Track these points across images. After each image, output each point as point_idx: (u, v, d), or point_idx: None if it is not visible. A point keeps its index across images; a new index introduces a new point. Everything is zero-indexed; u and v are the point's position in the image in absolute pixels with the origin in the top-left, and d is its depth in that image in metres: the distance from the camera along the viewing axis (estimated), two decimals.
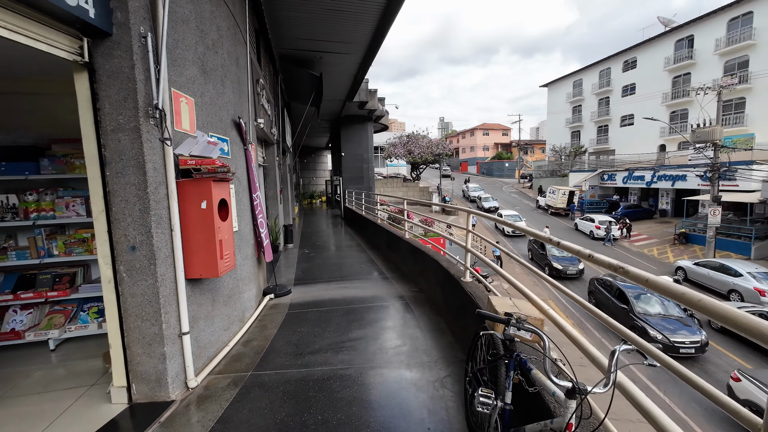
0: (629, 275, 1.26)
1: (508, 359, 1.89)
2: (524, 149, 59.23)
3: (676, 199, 25.84)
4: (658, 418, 1.11)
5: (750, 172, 18.12)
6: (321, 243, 10.52)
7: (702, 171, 18.86)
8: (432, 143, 35.31)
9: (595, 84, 38.37)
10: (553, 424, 1.45)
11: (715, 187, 17.31)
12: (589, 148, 39.27)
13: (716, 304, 0.89)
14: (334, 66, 9.79)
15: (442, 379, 3.12)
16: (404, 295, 5.40)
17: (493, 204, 31.40)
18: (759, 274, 13.41)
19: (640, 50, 33.16)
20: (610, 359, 1.31)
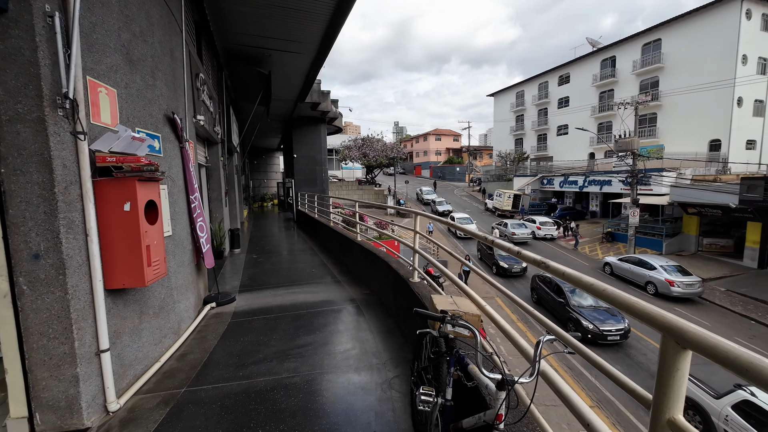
0: (549, 269, 1.35)
1: (448, 356, 1.93)
2: (474, 154, 62.25)
3: (603, 202, 28.75)
4: (575, 402, 1.19)
5: (661, 178, 20.74)
6: (271, 247, 10.10)
7: (623, 177, 21.23)
8: (387, 147, 35.79)
9: (535, 96, 41.57)
10: (485, 416, 1.50)
11: (634, 191, 19.55)
12: (531, 154, 42.37)
13: (617, 293, 0.98)
14: (284, 65, 9.50)
15: (391, 380, 3.12)
16: (356, 298, 5.35)
17: (446, 207, 32.44)
18: (669, 267, 15.36)
19: (572, 67, 36.58)
20: (535, 350, 1.39)
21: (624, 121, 23.18)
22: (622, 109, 21.14)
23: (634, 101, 22.55)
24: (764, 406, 6.42)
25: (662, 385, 0.77)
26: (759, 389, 0.68)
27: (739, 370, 0.60)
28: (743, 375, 0.60)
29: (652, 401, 0.79)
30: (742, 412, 6.67)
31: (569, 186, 30.16)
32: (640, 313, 0.84)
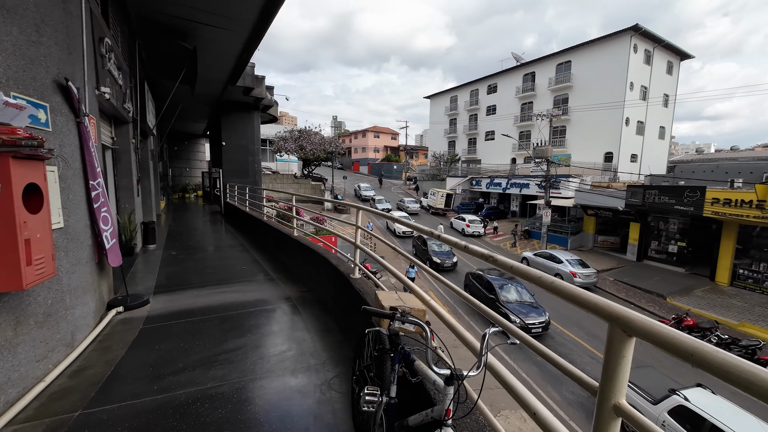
0: (497, 263, 1.38)
1: (393, 353, 1.89)
2: (410, 154, 64.28)
3: (522, 203, 31.92)
4: (521, 392, 1.24)
5: (568, 183, 23.73)
6: (194, 243, 9.13)
7: (539, 181, 23.81)
8: (325, 140, 34.94)
9: (467, 101, 44.35)
10: (433, 412, 1.49)
11: (547, 194, 22.05)
12: (462, 156, 45.16)
13: (565, 285, 1.02)
14: (213, 42, 8.60)
15: (330, 380, 3.00)
16: (291, 297, 5.08)
17: (385, 206, 32.68)
18: (572, 260, 17.66)
19: (500, 78, 39.80)
20: (482, 342, 1.41)
21: (541, 131, 26.02)
22: (539, 120, 23.64)
23: (549, 114, 25.39)
24: (697, 411, 6.72)
25: (609, 372, 0.81)
26: (705, 372, 0.77)
27: (683, 354, 0.65)
28: (688, 359, 0.65)
29: (598, 388, 0.83)
30: (678, 417, 6.85)
31: (494, 187, 32.84)
32: (588, 304, 0.88)
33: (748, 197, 14.03)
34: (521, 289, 13.27)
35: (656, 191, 17.75)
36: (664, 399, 7.28)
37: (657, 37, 28.87)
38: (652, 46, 29.58)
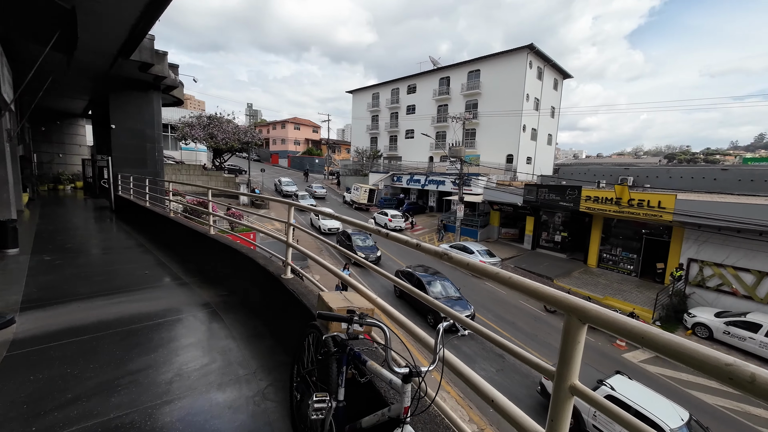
0: (452, 260, 1.44)
1: (340, 355, 1.84)
2: (333, 148, 63.47)
3: (439, 199, 34.25)
4: (478, 381, 1.32)
5: (478, 181, 26.26)
6: (76, 245, 7.57)
7: (453, 178, 25.82)
8: (240, 130, 32.23)
9: (389, 99, 45.55)
10: (390, 411, 1.49)
11: (461, 191, 24.06)
12: (384, 153, 46.34)
13: (522, 281, 1.11)
14: (100, 4, 7.14)
15: (264, 390, 2.80)
16: (210, 302, 4.59)
17: (311, 202, 31.50)
18: (481, 251, 19.66)
19: (418, 79, 41.78)
20: (436, 337, 1.46)
21: (455, 132, 28.19)
22: (453, 122, 25.57)
23: (461, 117, 27.63)
24: (623, 399, 7.45)
25: (565, 356, 0.91)
26: (654, 351, 0.92)
27: (635, 338, 0.76)
28: (640, 342, 0.77)
29: (555, 371, 0.93)
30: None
31: (414, 184, 34.52)
32: (547, 297, 0.97)
33: (609, 195, 17.40)
34: (446, 283, 13.80)
35: (546, 189, 20.80)
36: (594, 391, 8.30)
37: (547, 56, 33.63)
38: (543, 64, 34.36)
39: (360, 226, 2.47)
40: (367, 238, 20.03)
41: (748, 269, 14.00)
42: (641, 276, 18.21)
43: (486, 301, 15.31)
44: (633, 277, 18.50)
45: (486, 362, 10.76)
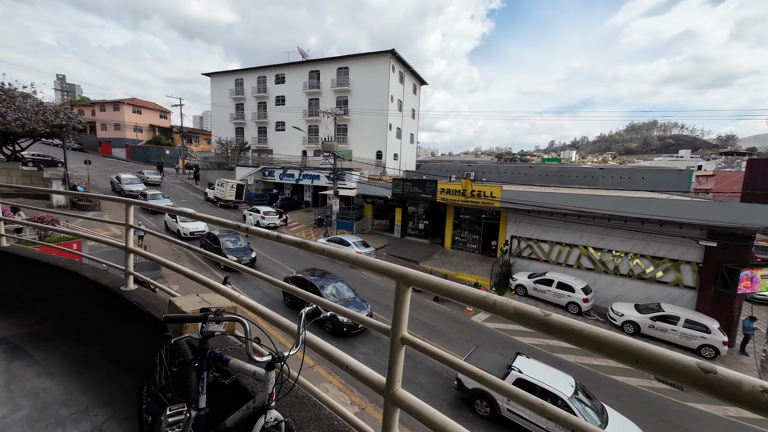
0: (310, 248, 1.53)
1: (200, 361, 1.73)
2: (188, 137, 55.03)
3: (314, 193, 34.05)
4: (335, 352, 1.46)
5: (351, 176, 27.29)
6: None
7: (328, 173, 26.12)
8: (46, 108, 24.43)
9: (255, 87, 42.31)
10: (255, 402, 1.50)
11: (335, 185, 24.55)
12: (253, 145, 42.97)
13: (362, 257, 1.30)
14: None
15: (101, 425, 2.34)
16: (8, 336, 3.47)
17: (166, 202, 26.07)
18: (357, 242, 20.65)
19: (287, 70, 40.16)
20: (299, 322, 1.54)
21: (327, 127, 28.45)
22: (325, 116, 25.76)
23: (333, 112, 28.06)
24: (530, 380, 8.07)
25: (397, 314, 1.13)
26: (459, 301, 1.08)
27: (454, 295, 1.02)
28: (458, 299, 1.02)
29: (391, 328, 1.15)
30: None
31: (288, 178, 33.32)
32: (380, 268, 1.18)
33: (457, 187, 20.75)
34: (340, 285, 13.47)
35: (410, 183, 23.26)
36: (506, 377, 8.28)
37: (407, 63, 37.23)
38: (404, 69, 37.90)
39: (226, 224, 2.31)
40: (239, 239, 18.30)
41: (546, 240, 19.02)
42: (482, 253, 22.47)
43: (374, 294, 16.14)
44: (476, 254, 22.65)
45: (380, 356, 11.43)
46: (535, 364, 9.07)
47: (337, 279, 13.91)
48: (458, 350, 11.69)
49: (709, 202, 15.78)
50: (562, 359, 11.96)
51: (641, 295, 15.99)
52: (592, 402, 8.19)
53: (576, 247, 18.02)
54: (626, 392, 10.52)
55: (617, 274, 16.90)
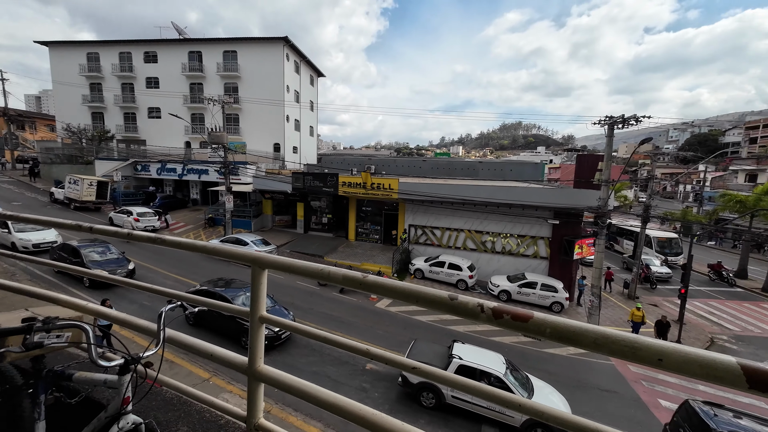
0: (166, 243, 1.46)
1: (33, 385, 1.49)
2: (19, 123, 42.88)
3: (203, 190, 30.54)
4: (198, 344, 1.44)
5: (246, 170, 25.34)
6: None
7: (218, 167, 23.73)
8: None
9: (117, 65, 35.35)
10: (108, 411, 1.38)
11: (228, 180, 22.48)
12: (118, 134, 36.00)
13: (217, 246, 1.31)
14: None
15: None
16: None
17: None
18: (256, 240, 19.45)
19: (160, 47, 34.61)
20: (158, 321, 1.46)
21: (214, 116, 25.72)
22: (211, 104, 23.20)
23: (221, 100, 25.46)
24: (470, 365, 8.55)
25: (255, 296, 1.20)
26: (332, 283, 1.14)
27: (314, 274, 1.12)
28: (304, 275, 1.13)
29: (249, 310, 1.21)
30: (461, 374, 9.17)
31: (168, 173, 29.08)
32: (235, 255, 1.23)
33: (358, 180, 21.30)
34: (105, 248, 14.61)
35: (311, 177, 22.86)
36: (449, 366, 8.58)
37: (302, 52, 36.05)
38: (299, 59, 36.62)
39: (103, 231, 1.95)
40: (109, 249, 15.02)
41: (438, 227, 21.11)
42: (384, 242, 23.65)
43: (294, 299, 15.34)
44: (379, 244, 23.72)
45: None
46: (470, 348, 9.57)
47: (104, 243, 14.48)
48: (364, 336, 12.21)
49: (554, 189, 19.76)
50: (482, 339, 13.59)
51: (511, 268, 19.17)
52: (519, 374, 9.12)
53: (462, 231, 20.48)
54: (503, 350, 12.61)
55: (494, 252, 19.88)
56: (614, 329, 2.86)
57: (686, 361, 0.58)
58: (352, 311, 14.44)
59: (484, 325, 8.75)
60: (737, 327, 16.50)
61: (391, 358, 0.98)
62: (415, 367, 0.98)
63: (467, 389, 0.89)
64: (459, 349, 9.31)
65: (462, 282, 18.16)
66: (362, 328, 12.94)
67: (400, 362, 0.99)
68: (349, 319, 13.70)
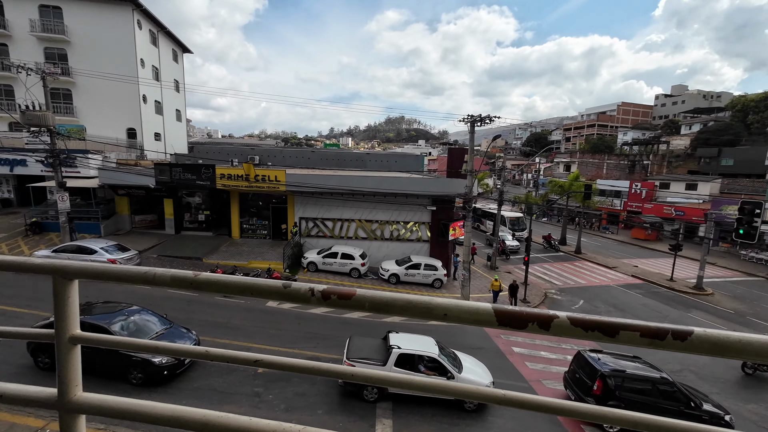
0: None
1: None
2: None
3: (19, 187, 23.29)
4: None
5: (87, 161, 20.33)
6: None
7: (42, 157, 18.36)
8: None
9: None
10: None
11: (59, 174, 17.64)
12: None
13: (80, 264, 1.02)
14: None
15: None
16: None
17: None
18: (109, 247, 15.98)
19: None
20: None
21: (30, 90, 19.60)
22: (24, 73, 17.62)
23: (40, 69, 19.57)
24: (409, 352, 8.99)
25: (61, 312, 0.98)
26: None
27: (122, 280, 0.95)
28: (123, 281, 0.95)
29: (54, 328, 0.98)
30: (400, 363, 8.82)
31: None
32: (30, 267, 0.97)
33: (240, 172, 19.53)
34: (144, 316, 9.88)
35: (180, 168, 19.87)
36: (390, 356, 8.88)
37: (159, 21, 30.50)
38: (156, 29, 30.90)
39: None
40: None
41: (330, 218, 21.13)
42: (273, 238, 22.42)
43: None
44: (268, 239, 22.39)
45: None
46: (405, 336, 9.96)
47: (135, 309, 9.92)
48: (254, 339, 11.46)
49: (431, 179, 22.02)
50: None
51: (399, 252, 20.68)
52: (447, 351, 9.78)
53: (353, 221, 21.01)
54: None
55: (383, 239, 21.06)
56: (478, 295, 3.42)
57: (461, 312, 0.73)
58: (240, 313, 13.37)
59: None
60: (560, 282, 21.65)
61: (328, 368, 0.92)
62: (353, 374, 0.93)
63: (410, 386, 0.88)
64: (395, 339, 9.58)
65: (355, 270, 18.73)
66: (251, 331, 12.13)
67: (336, 372, 0.94)
68: (236, 322, 12.64)
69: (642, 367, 9.40)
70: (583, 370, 9.55)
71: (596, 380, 8.94)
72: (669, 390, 8.90)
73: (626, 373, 9.05)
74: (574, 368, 9.97)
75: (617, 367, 9.20)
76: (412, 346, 9.32)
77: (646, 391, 8.91)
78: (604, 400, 8.76)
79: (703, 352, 0.64)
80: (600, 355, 9.74)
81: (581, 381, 9.45)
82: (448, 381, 0.95)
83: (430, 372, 8.98)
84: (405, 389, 0.89)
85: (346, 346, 9.50)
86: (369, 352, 9.32)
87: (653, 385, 8.92)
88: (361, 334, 11.58)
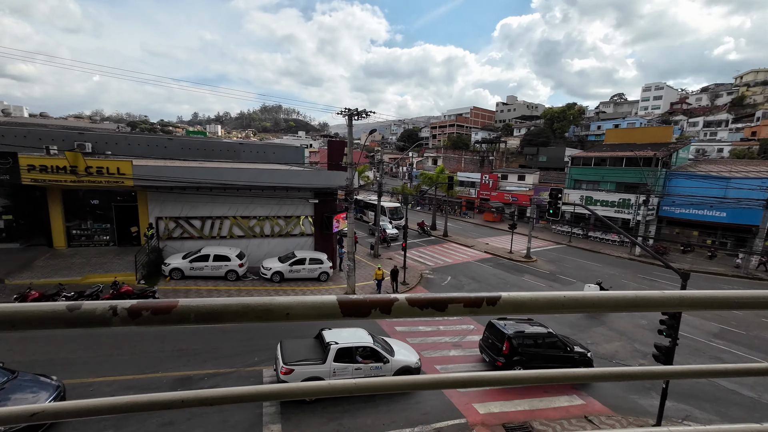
0: None
1: None
2: None
3: None
4: None
5: None
6: None
7: None
8: None
9: None
10: None
11: None
12: None
13: None
14: None
15: None
16: None
17: None
18: None
19: None
20: None
21: None
22: None
23: None
24: (347, 345, 9.41)
25: None
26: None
27: None
28: None
29: None
30: (339, 357, 9.10)
31: None
32: None
33: (62, 163, 15.10)
34: None
35: None
36: (328, 352, 9.12)
37: None
38: None
39: None
40: None
41: (196, 216, 18.49)
42: (119, 244, 18.33)
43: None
44: (112, 246, 18.19)
45: None
46: (337, 331, 10.24)
47: None
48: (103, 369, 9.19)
49: (313, 171, 21.64)
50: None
51: (282, 249, 19.71)
52: (377, 338, 10.39)
53: (227, 218, 18.94)
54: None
55: (263, 235, 19.69)
56: (363, 284, 3.46)
57: (305, 308, 0.69)
58: (68, 344, 10.51)
59: None
60: (432, 263, 24.47)
61: (293, 389, 0.72)
62: (305, 390, 0.79)
63: (364, 389, 0.80)
64: (330, 335, 9.78)
65: (232, 272, 17.02)
66: (93, 363, 9.72)
67: (299, 390, 0.76)
68: (68, 356, 9.92)
69: (534, 326, 11.57)
70: (495, 336, 11.26)
71: (504, 342, 10.69)
72: (553, 341, 11.24)
73: (525, 332, 11.10)
74: (487, 335, 11.64)
75: (518, 329, 11.14)
76: (348, 340, 9.72)
77: (539, 345, 11.11)
78: (511, 356, 10.65)
79: (509, 312, 0.77)
80: (505, 321, 11.56)
81: (493, 345, 11.16)
82: (411, 377, 1.03)
83: (367, 360, 9.64)
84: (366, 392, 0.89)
85: (280, 351, 9.27)
86: (306, 353, 9.35)
87: (543, 339, 11.20)
88: (247, 339, 10.80)
